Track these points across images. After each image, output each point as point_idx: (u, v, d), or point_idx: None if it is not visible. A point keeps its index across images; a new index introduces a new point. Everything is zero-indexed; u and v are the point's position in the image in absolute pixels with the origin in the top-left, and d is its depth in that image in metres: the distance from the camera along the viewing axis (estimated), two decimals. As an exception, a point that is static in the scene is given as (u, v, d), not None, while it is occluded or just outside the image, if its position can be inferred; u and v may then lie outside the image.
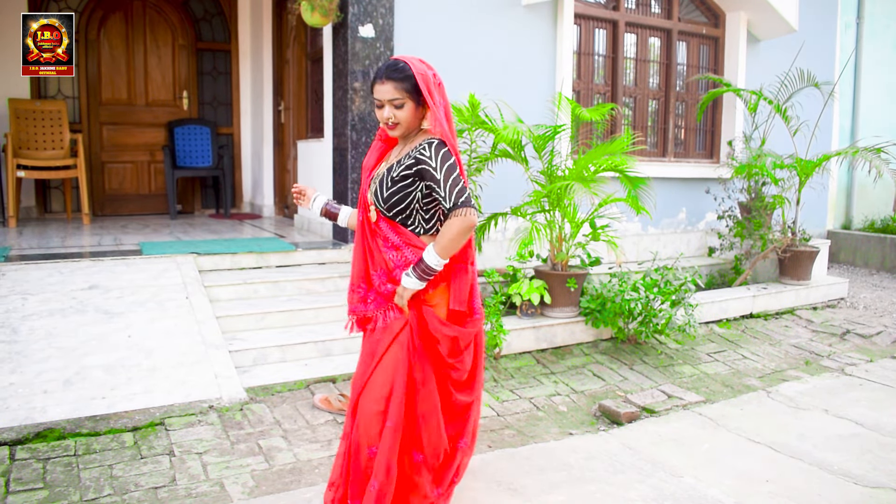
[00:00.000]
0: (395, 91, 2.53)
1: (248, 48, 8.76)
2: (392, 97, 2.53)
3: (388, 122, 2.58)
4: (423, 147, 2.54)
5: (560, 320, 5.24)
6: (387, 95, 2.54)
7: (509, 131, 4.92)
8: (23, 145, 7.19)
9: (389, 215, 2.62)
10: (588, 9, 6.77)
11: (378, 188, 2.63)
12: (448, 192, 2.51)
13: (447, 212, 2.52)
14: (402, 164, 2.58)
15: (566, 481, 3.29)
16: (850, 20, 9.91)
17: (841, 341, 5.85)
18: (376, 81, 2.56)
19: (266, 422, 3.77)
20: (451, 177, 2.52)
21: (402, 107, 2.55)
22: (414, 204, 2.61)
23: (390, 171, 2.61)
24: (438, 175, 2.51)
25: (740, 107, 7.62)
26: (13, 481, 3.07)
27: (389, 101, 2.54)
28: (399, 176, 2.57)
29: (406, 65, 2.55)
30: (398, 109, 2.55)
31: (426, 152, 2.53)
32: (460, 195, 2.51)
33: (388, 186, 2.59)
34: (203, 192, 9.02)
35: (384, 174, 2.63)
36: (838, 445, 3.77)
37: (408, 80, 2.53)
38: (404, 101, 2.54)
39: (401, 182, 2.57)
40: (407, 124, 2.59)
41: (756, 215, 6.83)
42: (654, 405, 4.27)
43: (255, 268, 5.51)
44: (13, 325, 4.19)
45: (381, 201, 2.61)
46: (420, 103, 2.58)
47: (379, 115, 2.60)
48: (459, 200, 2.50)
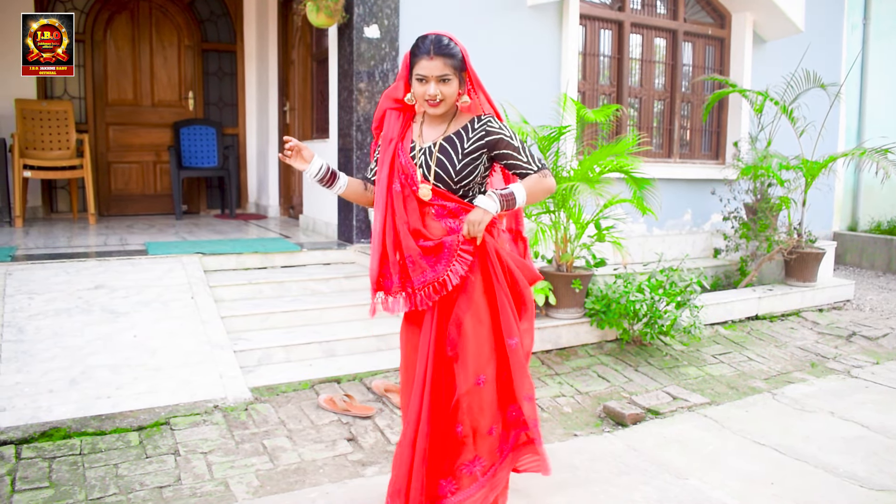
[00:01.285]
0: (445, 67, 2.52)
1: (253, 49, 8.78)
2: (441, 73, 2.52)
3: (434, 98, 2.54)
4: (489, 121, 2.62)
5: (565, 321, 5.24)
6: (436, 72, 2.52)
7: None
8: (29, 145, 7.21)
9: (454, 188, 2.61)
10: (593, 9, 6.76)
11: (442, 163, 2.59)
12: (531, 157, 2.64)
13: (535, 172, 2.62)
14: (472, 138, 2.60)
15: (570, 482, 3.28)
16: (856, 21, 9.88)
17: (847, 343, 5.83)
18: (422, 57, 2.53)
19: (271, 422, 3.78)
20: (527, 146, 2.67)
21: (448, 83, 2.55)
22: (477, 176, 2.64)
23: (454, 147, 2.60)
24: (516, 143, 2.63)
25: (746, 108, 7.60)
26: (19, 480, 3.08)
27: (439, 76, 2.52)
28: (472, 149, 2.59)
29: (451, 41, 2.56)
30: (444, 85, 2.54)
31: (494, 124, 2.62)
32: (541, 160, 2.67)
33: (461, 160, 2.59)
34: (208, 192, 9.04)
35: (447, 150, 2.60)
36: (844, 448, 3.76)
37: (455, 56, 2.54)
38: (451, 77, 2.54)
39: (472, 154, 2.60)
40: (450, 101, 2.59)
41: (762, 217, 6.81)
42: (659, 407, 4.26)
43: (259, 268, 5.52)
44: (19, 325, 4.20)
45: (452, 175, 2.59)
46: (461, 81, 2.60)
47: (420, 91, 2.56)
48: (543, 163, 2.67)
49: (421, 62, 2.53)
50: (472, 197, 2.66)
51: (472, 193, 2.67)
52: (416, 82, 2.57)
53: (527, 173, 2.63)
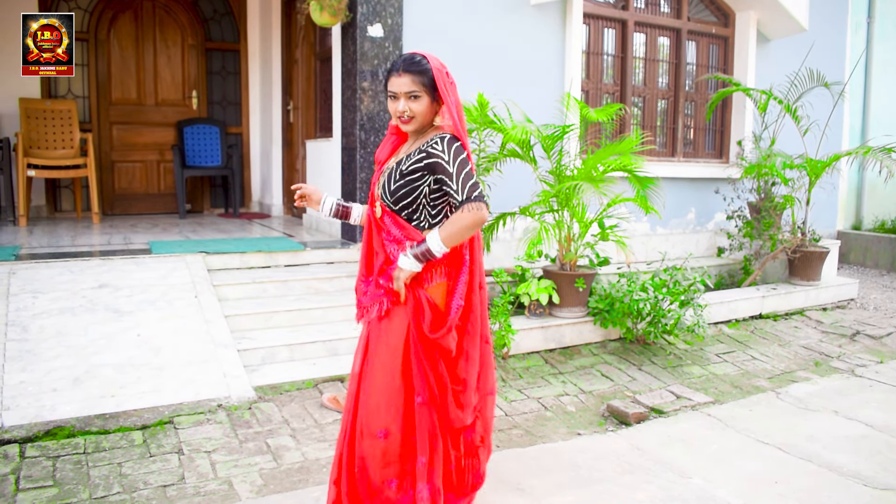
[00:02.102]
0: (413, 84, 2.51)
1: (257, 48, 8.78)
2: (409, 90, 2.52)
3: (402, 115, 2.55)
4: (435, 141, 2.52)
5: (568, 320, 5.24)
6: (403, 88, 2.52)
7: (518, 131, 4.91)
8: (33, 145, 7.23)
9: (395, 209, 2.60)
10: (597, 8, 6.76)
11: (386, 182, 2.61)
12: (461, 186, 2.49)
13: (459, 205, 2.49)
14: (413, 158, 2.56)
15: (574, 481, 3.28)
16: (860, 20, 9.85)
17: (851, 342, 5.82)
18: (392, 74, 2.54)
19: (274, 421, 3.78)
20: (464, 171, 2.50)
21: (417, 100, 2.53)
22: (420, 199, 2.58)
23: (399, 164, 2.59)
24: (451, 168, 2.50)
25: (750, 106, 7.59)
26: (23, 479, 3.08)
27: (406, 93, 2.52)
28: (408, 169, 2.55)
29: (423, 58, 2.55)
30: (414, 102, 2.53)
31: (438, 146, 2.51)
32: (473, 189, 2.49)
33: (396, 180, 2.57)
34: (212, 191, 9.04)
35: (393, 168, 2.61)
36: (848, 447, 3.75)
37: (425, 74, 2.53)
38: (421, 94, 2.53)
39: (409, 175, 2.55)
40: (421, 119, 2.57)
41: (766, 215, 6.80)
42: (663, 406, 4.26)
43: (263, 267, 5.52)
44: (23, 324, 4.21)
45: (388, 194, 2.58)
46: (435, 99, 2.57)
47: (392, 109, 2.57)
48: (473, 195, 2.48)
49: (391, 79, 2.55)
50: (421, 222, 2.61)
51: (420, 218, 2.61)
52: (389, 100, 2.59)
53: (454, 203, 2.52)
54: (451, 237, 2.49)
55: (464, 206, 2.48)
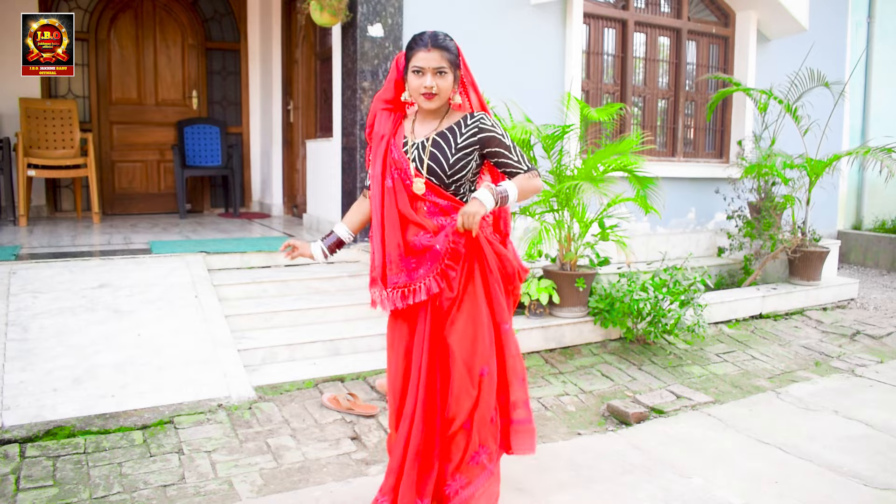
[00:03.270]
0: (442, 59, 2.54)
1: (257, 48, 8.79)
2: (438, 65, 2.54)
3: (429, 90, 2.55)
4: (481, 118, 2.64)
5: (569, 320, 5.24)
6: (433, 63, 2.53)
7: (518, 131, 4.92)
8: (33, 144, 7.23)
9: (448, 182, 2.62)
10: (597, 8, 6.75)
11: (435, 157, 2.60)
12: (521, 158, 2.67)
13: (524, 172, 2.65)
14: (465, 134, 2.61)
15: (574, 481, 3.28)
16: (860, 19, 9.86)
17: (851, 342, 5.82)
18: (420, 49, 2.54)
19: (275, 420, 3.78)
20: (514, 145, 2.68)
21: (444, 76, 2.56)
22: (469, 173, 2.65)
23: (447, 142, 2.61)
24: (507, 141, 2.65)
25: (750, 106, 7.59)
26: (23, 479, 3.08)
27: (435, 69, 2.54)
28: (464, 143, 2.60)
29: (448, 37, 2.58)
30: (441, 79, 2.56)
31: (487, 122, 2.63)
32: (529, 161, 2.71)
33: (453, 154, 2.60)
34: (212, 191, 9.05)
35: (440, 145, 2.61)
36: (848, 447, 3.75)
37: (451, 51, 2.57)
38: (447, 71, 2.56)
39: (465, 150, 2.61)
40: (444, 96, 2.59)
41: (766, 215, 6.80)
42: (663, 405, 4.26)
43: (264, 267, 5.52)
44: (24, 324, 4.21)
45: (446, 168, 2.60)
46: (456, 78, 2.62)
47: (417, 84, 2.56)
48: (532, 165, 2.69)
49: (419, 54, 2.55)
50: (463, 195, 2.68)
51: (463, 191, 2.68)
52: (412, 75, 2.58)
53: (516, 173, 2.66)
54: (523, 192, 2.64)
55: (531, 172, 2.67)
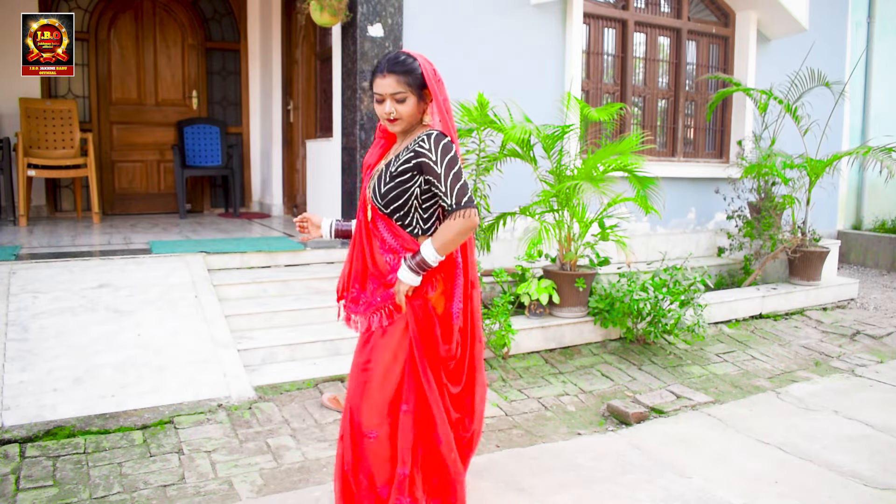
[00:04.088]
0: (398, 84, 2.45)
1: (257, 48, 8.78)
2: (394, 91, 2.45)
3: (388, 116, 2.49)
4: (422, 139, 2.46)
5: (569, 320, 5.24)
6: (388, 89, 2.46)
7: (518, 131, 4.91)
8: (33, 144, 7.23)
9: (387, 212, 2.54)
10: (597, 8, 6.75)
11: (376, 184, 2.55)
12: (449, 190, 2.43)
13: (449, 211, 2.44)
14: (401, 159, 2.49)
15: (574, 481, 3.28)
16: (860, 19, 9.86)
17: (851, 342, 5.82)
18: (377, 75, 2.49)
19: (274, 420, 3.78)
20: (453, 171, 2.43)
21: (403, 101, 2.47)
22: (412, 201, 2.52)
23: (388, 166, 2.54)
24: (439, 169, 2.43)
25: (750, 106, 7.59)
26: (23, 479, 3.08)
27: (392, 94, 2.46)
28: (397, 171, 2.49)
29: (409, 56, 2.49)
30: (400, 104, 2.47)
31: (425, 144, 2.44)
32: (462, 194, 2.43)
33: (386, 182, 2.50)
34: (212, 191, 9.05)
35: (382, 170, 2.56)
36: (848, 447, 3.75)
37: (410, 73, 2.46)
38: (406, 95, 2.47)
39: (399, 177, 2.48)
40: (408, 119, 2.51)
41: (766, 215, 6.80)
42: (663, 405, 4.26)
43: (264, 267, 5.52)
44: (24, 324, 4.21)
45: (379, 197, 2.52)
46: (422, 98, 2.51)
47: (379, 111, 2.51)
48: (462, 200, 2.43)
49: (377, 80, 2.50)
50: (414, 228, 2.56)
51: (413, 223, 2.56)
52: (375, 103, 2.53)
53: (444, 206, 2.48)
54: (445, 246, 2.46)
55: (454, 214, 2.43)
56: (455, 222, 2.43)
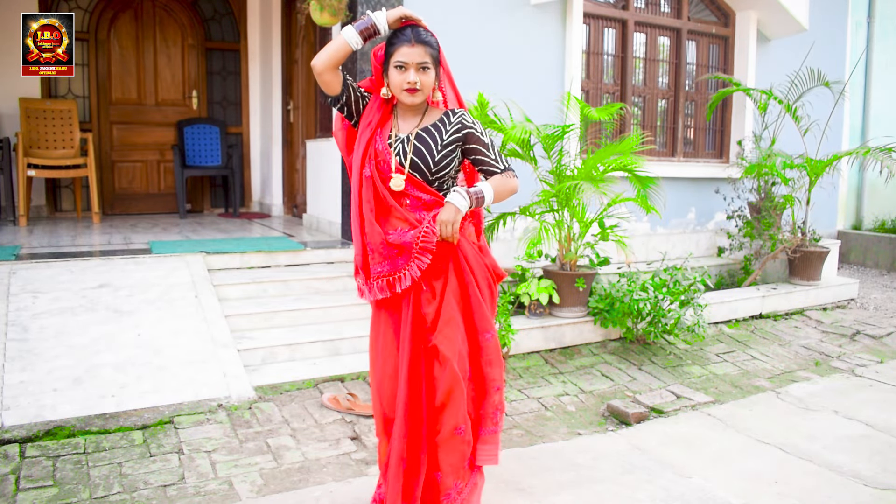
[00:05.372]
0: (425, 55, 2.53)
1: (257, 48, 8.78)
2: (421, 60, 2.52)
3: (413, 85, 2.53)
4: (463, 115, 2.65)
5: (569, 320, 5.24)
6: (416, 58, 2.52)
7: (518, 130, 4.91)
8: (33, 144, 7.23)
9: (431, 179, 2.60)
10: (597, 8, 6.75)
11: (420, 152, 2.58)
12: (498, 156, 2.67)
13: (501, 171, 2.65)
14: (450, 130, 2.61)
15: (574, 481, 3.28)
16: (860, 19, 9.85)
17: (851, 342, 5.82)
18: (403, 44, 2.52)
19: (275, 420, 3.78)
20: (493, 142, 2.69)
21: (426, 71, 2.55)
22: (452, 170, 2.65)
23: (432, 138, 2.59)
24: (486, 139, 2.66)
25: (750, 106, 7.59)
26: (23, 479, 3.08)
27: (418, 63, 2.52)
28: (449, 140, 2.60)
29: (430, 33, 2.58)
30: (423, 74, 2.55)
31: (468, 119, 2.65)
32: (506, 160, 2.71)
33: (439, 150, 2.59)
34: (212, 191, 9.05)
35: (426, 140, 2.59)
36: (848, 447, 3.75)
37: (434, 47, 2.56)
38: (430, 67, 2.55)
39: (449, 146, 2.61)
40: (427, 92, 2.59)
41: (766, 215, 6.80)
42: (663, 405, 4.26)
43: (264, 267, 5.52)
44: (24, 324, 4.21)
45: (430, 165, 2.58)
46: (437, 74, 2.63)
47: (398, 80, 2.53)
48: (508, 164, 2.70)
49: (402, 49, 2.52)
50: (446, 190, 2.65)
51: (446, 187, 2.66)
52: (394, 71, 2.54)
53: (493, 172, 2.66)
54: (500, 193, 2.63)
55: (507, 173, 2.66)
56: (510, 180, 2.66)
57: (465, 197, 2.54)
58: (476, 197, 2.57)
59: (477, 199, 2.57)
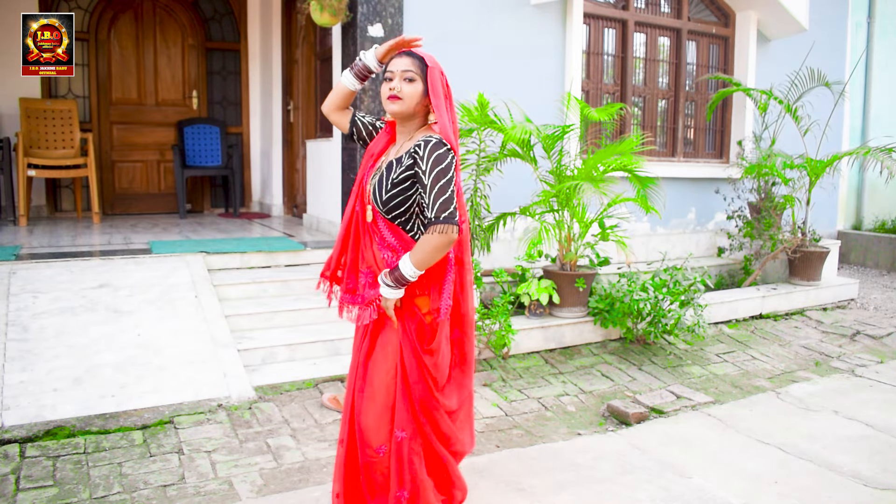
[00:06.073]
0: (411, 64, 2.47)
1: (257, 48, 8.78)
2: (405, 68, 2.47)
3: (392, 91, 2.46)
4: (420, 144, 2.39)
5: (569, 320, 5.24)
6: (401, 66, 2.47)
7: (518, 131, 4.91)
8: (33, 144, 7.23)
9: (388, 218, 2.49)
10: (597, 8, 6.75)
11: (377, 187, 2.49)
12: (432, 202, 2.36)
13: (427, 224, 2.37)
14: (403, 165, 2.43)
15: (574, 481, 3.28)
16: (860, 19, 9.85)
17: (851, 342, 5.82)
18: (395, 57, 2.52)
19: (275, 420, 3.78)
20: (439, 184, 2.35)
21: (411, 82, 2.47)
22: (414, 207, 2.47)
23: (390, 169, 2.47)
24: (426, 179, 2.36)
25: (750, 106, 7.59)
26: (23, 479, 3.09)
27: (402, 72, 2.47)
28: (398, 178, 2.42)
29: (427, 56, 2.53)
30: (406, 83, 2.46)
31: (420, 151, 2.38)
32: (443, 208, 2.35)
33: (388, 189, 2.43)
34: (212, 191, 9.05)
35: (383, 172, 2.49)
36: (848, 447, 3.75)
37: (420, 61, 2.50)
38: (416, 78, 2.47)
39: (400, 185, 2.43)
40: (409, 103, 2.47)
41: (766, 215, 6.80)
42: (663, 406, 4.26)
43: (264, 267, 5.52)
44: (24, 324, 4.21)
45: (380, 203, 2.46)
46: (426, 94, 2.50)
47: (384, 90, 2.50)
48: (442, 215, 2.35)
49: (392, 61, 2.53)
50: (415, 232, 2.50)
51: (414, 229, 2.50)
52: (384, 84, 2.51)
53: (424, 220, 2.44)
54: (422, 261, 2.38)
55: (432, 228, 2.35)
56: (432, 237, 2.35)
57: (387, 285, 2.44)
58: (395, 278, 2.41)
59: (396, 279, 2.41)
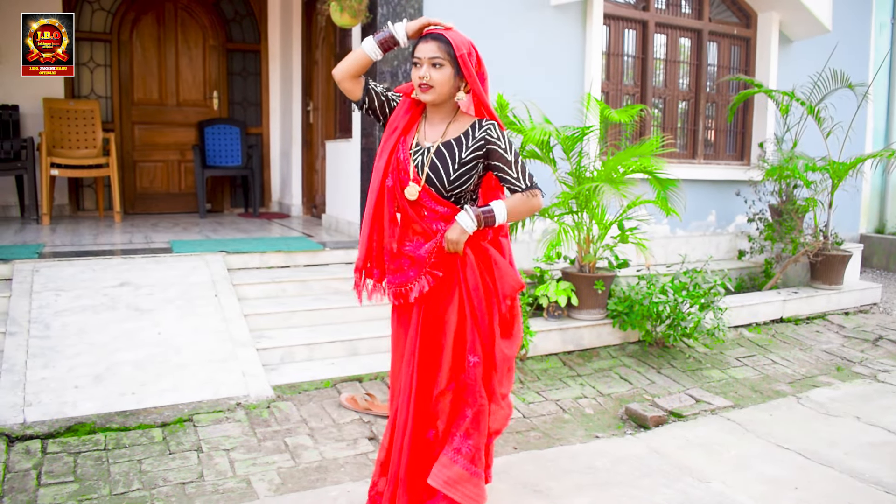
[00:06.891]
0: (438, 50, 2.48)
1: (277, 49, 8.83)
2: (433, 55, 2.47)
3: (422, 80, 2.50)
4: (488, 128, 2.56)
5: (587, 322, 5.22)
6: (428, 53, 2.48)
7: (537, 132, 4.90)
8: (56, 144, 7.31)
9: (446, 195, 2.58)
10: (617, 9, 6.72)
11: (436, 167, 2.56)
12: (521, 174, 2.59)
13: (522, 191, 2.58)
14: (471, 147, 2.55)
15: (592, 484, 3.27)
16: (884, 20, 9.73)
17: (873, 347, 5.75)
18: (420, 42, 2.52)
19: (293, 420, 3.80)
20: (520, 160, 2.60)
21: (440, 68, 2.49)
22: (469, 185, 2.60)
23: (451, 150, 2.56)
24: (509, 157, 2.57)
25: (772, 108, 7.53)
26: (45, 474, 3.12)
27: (430, 58, 2.48)
28: (468, 158, 2.55)
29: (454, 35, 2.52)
30: (435, 69, 2.49)
31: (493, 134, 2.56)
32: (531, 178, 2.61)
33: (456, 169, 2.55)
34: (232, 191, 9.10)
35: (444, 153, 2.56)
36: (870, 453, 3.70)
37: (447, 44, 2.50)
38: (444, 63, 2.48)
39: (467, 164, 2.55)
40: (440, 89, 2.51)
41: (787, 218, 6.74)
42: (682, 409, 4.23)
43: (283, 267, 5.55)
44: (46, 321, 4.25)
45: (445, 182, 2.55)
46: (458, 73, 2.52)
47: (414, 76, 2.53)
48: (533, 182, 2.61)
49: (418, 46, 2.53)
50: (464, 202, 2.64)
51: (464, 201, 2.64)
52: (413, 69, 2.54)
53: (515, 190, 2.61)
54: (513, 213, 2.60)
55: (528, 191, 2.59)
56: (529, 199, 2.60)
57: (473, 219, 2.52)
58: (485, 217, 2.54)
59: (486, 218, 2.54)
